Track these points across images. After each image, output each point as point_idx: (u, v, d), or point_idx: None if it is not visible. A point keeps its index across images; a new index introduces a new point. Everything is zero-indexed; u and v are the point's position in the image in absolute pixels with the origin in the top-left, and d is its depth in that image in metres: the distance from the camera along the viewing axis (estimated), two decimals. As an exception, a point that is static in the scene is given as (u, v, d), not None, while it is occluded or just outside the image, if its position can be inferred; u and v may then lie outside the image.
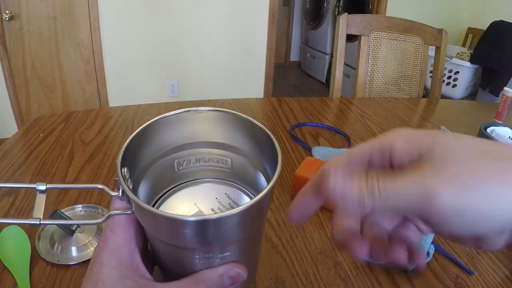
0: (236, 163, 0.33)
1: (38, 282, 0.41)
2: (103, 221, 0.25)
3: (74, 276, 0.42)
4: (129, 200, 0.25)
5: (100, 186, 0.26)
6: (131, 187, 0.24)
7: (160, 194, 0.32)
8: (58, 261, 0.44)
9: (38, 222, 0.23)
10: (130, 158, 0.27)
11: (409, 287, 0.44)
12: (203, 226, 0.22)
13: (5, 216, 0.51)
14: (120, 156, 0.26)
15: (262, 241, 0.32)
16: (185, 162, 0.33)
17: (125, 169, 0.26)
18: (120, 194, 0.25)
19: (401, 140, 0.21)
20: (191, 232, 0.23)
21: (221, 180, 0.34)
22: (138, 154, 0.29)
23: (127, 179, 0.26)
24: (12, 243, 0.45)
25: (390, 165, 0.21)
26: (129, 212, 0.25)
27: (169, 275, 0.28)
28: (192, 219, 0.22)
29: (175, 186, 0.33)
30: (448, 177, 0.18)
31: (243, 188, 0.33)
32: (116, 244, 0.25)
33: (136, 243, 0.26)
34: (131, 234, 0.26)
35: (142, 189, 0.30)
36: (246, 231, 0.25)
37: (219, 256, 0.25)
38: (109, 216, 0.25)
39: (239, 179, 0.33)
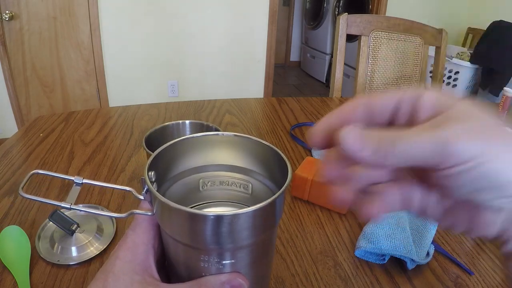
0: (256, 188, 0.34)
1: (38, 282, 0.41)
2: (126, 216, 0.27)
3: (74, 276, 0.42)
4: (151, 200, 0.27)
5: (128, 188, 0.28)
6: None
7: None
8: (58, 261, 0.44)
9: (69, 206, 0.27)
10: (158, 166, 0.29)
11: (409, 287, 0.44)
12: (218, 222, 0.23)
13: (5, 216, 0.51)
14: (151, 159, 0.28)
15: (271, 262, 0.33)
16: (210, 183, 0.35)
17: (152, 173, 0.28)
18: (144, 192, 0.27)
19: (430, 94, 0.20)
20: (207, 228, 0.24)
21: (241, 205, 0.35)
22: (166, 165, 0.31)
23: (153, 182, 0.28)
24: (12, 243, 0.45)
25: (408, 122, 0.21)
26: (150, 213, 0.27)
27: (177, 280, 0.29)
28: (209, 213, 0.23)
29: (197, 205, 0.35)
30: (465, 128, 0.18)
31: None
32: (134, 242, 0.27)
33: (152, 245, 0.28)
34: (150, 236, 0.27)
35: None
36: (258, 236, 0.26)
37: (227, 262, 0.26)
38: (132, 213, 0.27)
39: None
